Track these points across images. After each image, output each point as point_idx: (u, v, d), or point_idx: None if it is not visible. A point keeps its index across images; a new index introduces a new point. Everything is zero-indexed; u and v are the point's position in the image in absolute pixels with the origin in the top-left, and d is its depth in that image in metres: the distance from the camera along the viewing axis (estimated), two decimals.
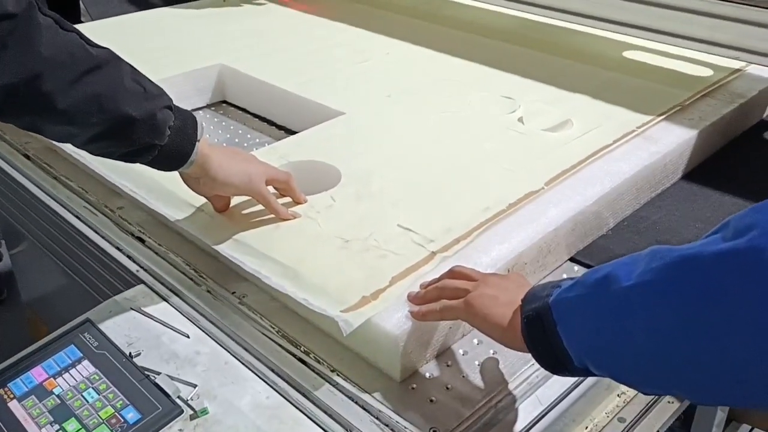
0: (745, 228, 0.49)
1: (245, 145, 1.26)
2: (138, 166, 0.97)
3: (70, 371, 0.75)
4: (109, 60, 0.76)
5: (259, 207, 0.92)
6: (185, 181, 0.88)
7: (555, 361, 0.63)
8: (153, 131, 0.78)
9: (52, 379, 0.75)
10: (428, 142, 1.10)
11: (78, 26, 1.67)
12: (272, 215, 0.91)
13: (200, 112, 1.40)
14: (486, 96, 1.26)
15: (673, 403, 0.84)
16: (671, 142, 1.11)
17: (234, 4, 1.71)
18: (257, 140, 1.27)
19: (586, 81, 1.30)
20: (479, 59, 1.41)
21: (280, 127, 1.32)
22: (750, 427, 1.49)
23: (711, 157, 1.21)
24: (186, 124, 0.82)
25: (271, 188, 0.92)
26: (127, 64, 0.79)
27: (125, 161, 0.82)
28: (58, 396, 0.73)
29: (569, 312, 0.61)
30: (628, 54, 1.42)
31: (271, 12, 1.75)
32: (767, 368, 0.47)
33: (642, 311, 0.54)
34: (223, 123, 1.35)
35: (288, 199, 0.94)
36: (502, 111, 1.20)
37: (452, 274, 0.77)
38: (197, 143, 0.82)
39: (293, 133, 1.22)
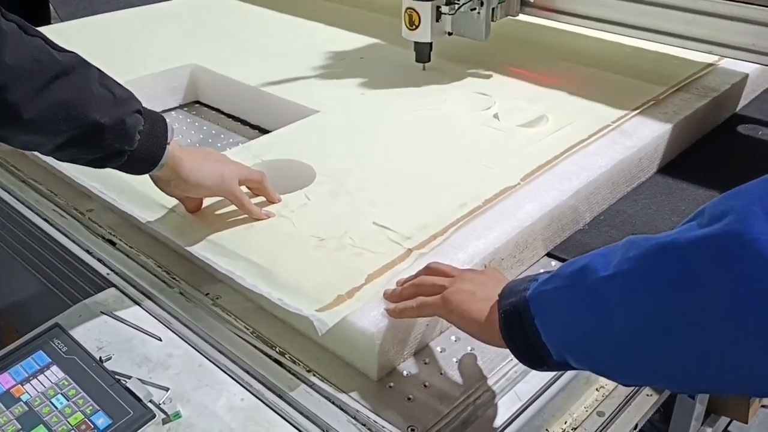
0: (721, 214, 0.49)
1: (219, 145, 1.24)
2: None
3: (39, 377, 0.73)
4: (75, 65, 0.74)
5: (233, 207, 0.91)
6: (156, 184, 0.86)
7: (534, 356, 0.62)
8: (122, 137, 0.76)
9: (19, 385, 0.72)
10: (404, 140, 1.09)
11: (48, 27, 1.65)
12: (246, 215, 0.90)
13: (173, 112, 1.38)
14: (461, 92, 1.25)
15: (651, 396, 0.84)
16: (646, 136, 1.11)
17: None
18: (231, 140, 1.26)
19: (561, 77, 1.30)
20: (454, 57, 1.41)
21: (254, 127, 1.31)
22: (729, 419, 1.50)
23: (685, 150, 1.22)
24: (156, 127, 0.80)
25: (244, 188, 0.91)
26: (95, 68, 0.76)
27: (94, 167, 0.80)
28: (25, 403, 0.71)
29: (547, 305, 0.60)
30: (602, 50, 1.43)
31: (243, 11, 1.73)
32: (746, 353, 0.47)
33: (620, 301, 0.54)
34: (196, 123, 1.33)
35: (262, 199, 0.93)
36: (477, 108, 1.20)
37: (429, 270, 0.76)
38: (168, 146, 0.81)
39: (267, 132, 1.20)
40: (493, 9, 1.28)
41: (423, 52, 1.32)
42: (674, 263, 0.50)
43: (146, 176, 0.84)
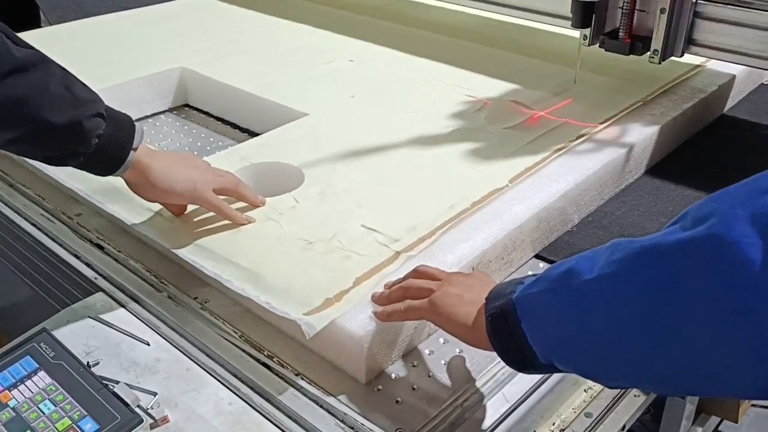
0: (703, 217, 0.49)
1: (208, 148, 1.24)
2: None
3: (26, 383, 0.73)
4: (36, 62, 0.73)
5: None
6: (129, 187, 0.86)
7: (520, 359, 0.62)
8: (76, 139, 0.76)
9: (6, 391, 0.72)
10: (392, 142, 1.09)
11: (37, 31, 1.65)
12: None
13: (162, 116, 1.37)
14: (450, 94, 1.25)
15: (639, 396, 0.84)
16: (634, 137, 1.11)
17: None
18: (220, 143, 1.26)
19: (549, 79, 1.31)
20: (443, 59, 1.41)
21: (243, 130, 1.31)
22: (719, 418, 1.50)
23: (673, 152, 1.22)
24: (120, 131, 0.79)
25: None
26: (59, 67, 0.75)
27: (49, 164, 0.79)
28: (13, 408, 0.70)
29: (533, 308, 0.61)
30: (589, 51, 1.43)
31: (232, 14, 1.73)
32: (726, 356, 0.47)
33: (604, 303, 0.54)
34: (186, 127, 1.33)
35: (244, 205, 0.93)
36: (465, 109, 1.20)
37: (417, 273, 0.76)
38: (133, 151, 0.80)
39: (256, 135, 1.20)
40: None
41: (585, 13, 1.04)
42: (657, 266, 0.50)
43: None
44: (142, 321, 0.83)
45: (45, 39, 1.55)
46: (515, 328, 0.61)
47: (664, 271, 0.49)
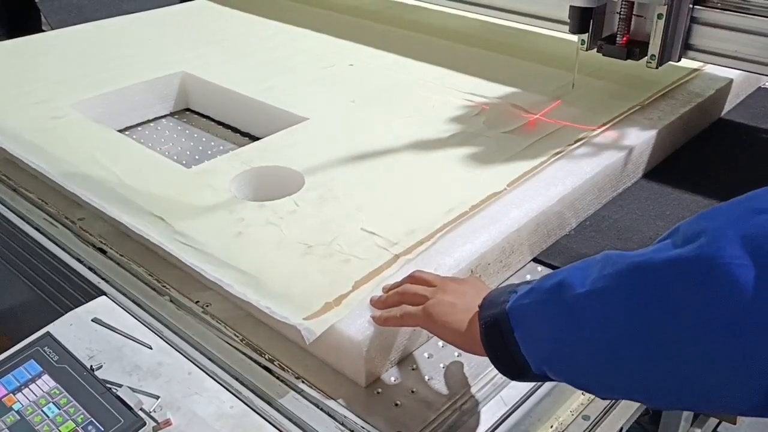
0: (694, 235, 0.50)
1: (209, 152, 1.25)
2: (98, 175, 0.95)
3: (30, 386, 0.74)
4: None
5: (221, 213, 0.92)
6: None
7: (514, 367, 0.63)
8: None
9: (11, 395, 0.73)
10: (392, 146, 1.10)
11: (38, 36, 1.66)
12: (238, 222, 0.90)
13: (163, 120, 1.38)
14: (449, 98, 1.26)
15: None
16: (631, 141, 1.12)
17: None
18: (221, 147, 1.27)
19: (547, 83, 1.32)
20: (442, 62, 1.42)
21: (244, 134, 1.32)
22: (717, 420, 1.51)
23: (671, 155, 1.23)
24: None
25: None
26: None
27: None
28: (17, 412, 0.71)
29: (525, 319, 0.61)
30: (587, 55, 1.44)
31: (232, 19, 1.74)
32: (716, 374, 0.47)
33: (595, 318, 0.54)
34: (187, 131, 1.34)
35: None
36: (464, 113, 1.21)
37: (412, 279, 0.77)
38: None
39: (257, 139, 1.21)
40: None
41: (582, 19, 1.07)
42: (647, 283, 0.51)
43: (137, 183, 0.85)
44: (144, 325, 0.83)
45: (46, 43, 1.56)
46: (509, 337, 0.62)
47: (653, 288, 0.50)
